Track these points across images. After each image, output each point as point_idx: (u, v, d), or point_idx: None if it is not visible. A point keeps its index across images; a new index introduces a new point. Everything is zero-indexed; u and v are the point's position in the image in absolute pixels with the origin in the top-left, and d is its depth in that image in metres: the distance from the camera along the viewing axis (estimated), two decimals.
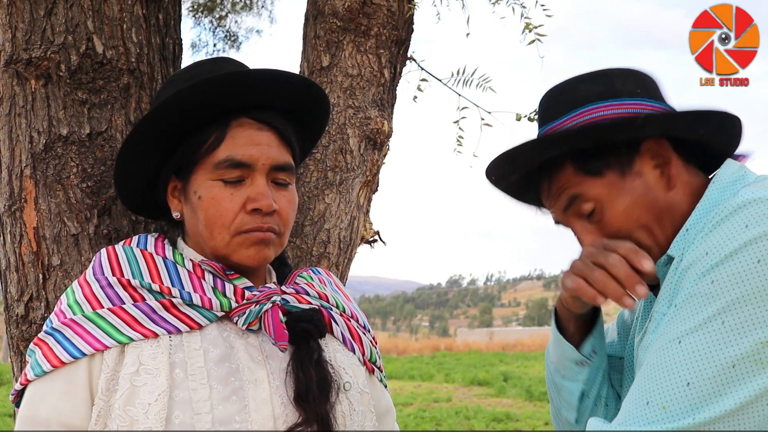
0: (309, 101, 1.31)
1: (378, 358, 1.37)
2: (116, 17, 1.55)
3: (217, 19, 5.46)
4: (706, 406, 0.95)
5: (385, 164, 1.94)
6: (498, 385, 13.08)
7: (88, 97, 1.51)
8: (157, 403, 1.07)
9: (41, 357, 1.14)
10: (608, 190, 1.18)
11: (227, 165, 1.17)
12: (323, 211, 1.77)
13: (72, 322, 1.15)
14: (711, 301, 0.99)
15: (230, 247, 1.18)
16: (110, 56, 1.52)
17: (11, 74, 1.52)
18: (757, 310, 0.96)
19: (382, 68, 1.85)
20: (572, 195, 1.21)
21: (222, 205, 1.17)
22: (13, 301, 1.53)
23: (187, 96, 1.18)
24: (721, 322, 0.97)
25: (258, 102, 1.22)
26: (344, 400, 1.21)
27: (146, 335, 1.13)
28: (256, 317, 1.18)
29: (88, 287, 1.18)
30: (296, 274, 1.35)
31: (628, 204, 1.17)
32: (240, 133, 1.19)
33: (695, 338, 0.98)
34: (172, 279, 1.19)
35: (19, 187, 1.51)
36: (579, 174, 1.20)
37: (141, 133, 1.22)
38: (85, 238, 1.48)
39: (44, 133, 1.49)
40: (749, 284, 0.97)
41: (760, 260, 0.98)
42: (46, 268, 1.49)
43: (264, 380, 1.15)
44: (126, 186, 1.30)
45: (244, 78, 1.22)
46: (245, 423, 1.11)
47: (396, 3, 1.84)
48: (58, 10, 1.50)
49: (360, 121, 1.81)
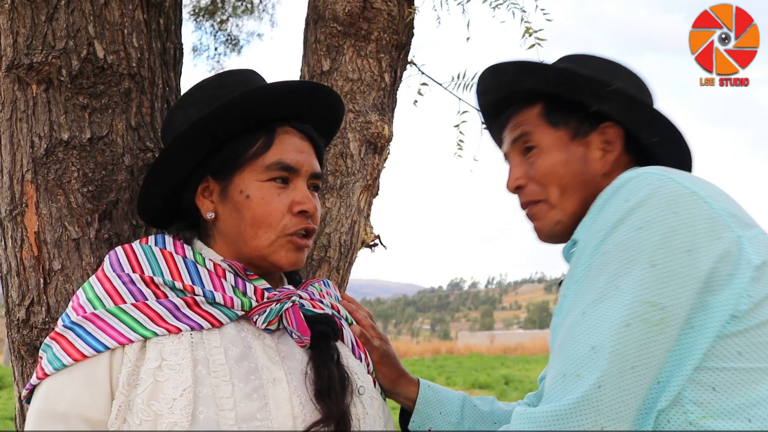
0: (336, 118, 1.44)
1: None
2: (117, 22, 1.55)
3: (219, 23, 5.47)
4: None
5: (385, 168, 1.94)
6: (499, 388, 13.06)
7: (89, 101, 1.51)
8: (182, 398, 1.08)
9: (60, 351, 1.14)
10: (553, 142, 1.29)
11: (278, 167, 1.24)
12: (324, 216, 1.77)
13: (94, 317, 1.15)
14: (603, 270, 1.07)
15: (272, 247, 1.23)
16: (111, 61, 1.53)
17: (12, 79, 1.52)
18: (642, 272, 1.03)
19: (383, 72, 1.86)
20: (525, 131, 1.32)
21: (272, 205, 1.23)
22: (14, 306, 1.53)
23: (247, 101, 1.24)
24: (615, 287, 1.04)
25: (298, 112, 1.31)
26: (358, 403, 1.22)
27: (170, 330, 1.14)
28: (276, 315, 1.21)
29: (109, 282, 1.19)
30: (308, 284, 1.39)
31: (560, 161, 1.27)
32: (287, 140, 1.27)
33: (596, 307, 1.05)
34: (192, 278, 1.21)
35: (20, 191, 1.51)
36: (541, 118, 1.31)
37: (199, 130, 1.25)
38: (86, 243, 1.48)
39: (45, 137, 1.49)
40: (633, 250, 1.05)
41: (640, 227, 1.06)
42: (47, 272, 1.49)
43: (282, 380, 1.16)
44: (157, 185, 1.31)
45: (302, 89, 1.35)
46: (266, 421, 1.11)
47: (396, 7, 1.84)
48: (60, 15, 1.51)
49: (360, 126, 1.82)
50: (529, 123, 1.31)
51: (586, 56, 1.37)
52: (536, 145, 1.30)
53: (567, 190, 1.27)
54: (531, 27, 1.93)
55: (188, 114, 1.30)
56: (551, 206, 1.28)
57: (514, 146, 1.34)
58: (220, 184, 1.27)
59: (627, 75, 1.34)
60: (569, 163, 1.27)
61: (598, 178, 1.26)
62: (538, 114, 1.31)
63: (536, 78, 1.30)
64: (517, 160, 1.33)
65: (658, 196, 1.07)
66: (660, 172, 1.12)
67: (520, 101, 1.34)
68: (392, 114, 1.93)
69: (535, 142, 1.30)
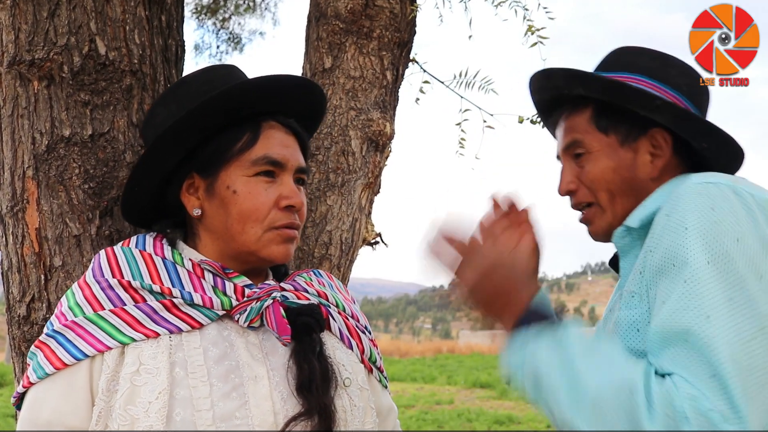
0: (319, 111, 1.43)
1: (378, 358, 1.37)
2: (119, 19, 1.55)
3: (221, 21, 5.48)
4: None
5: (387, 166, 1.94)
6: (500, 388, 13.05)
7: (90, 98, 1.51)
8: (157, 401, 1.08)
9: (43, 359, 1.15)
10: (603, 148, 1.30)
11: (264, 162, 1.23)
12: (325, 213, 1.77)
13: (74, 324, 1.15)
14: (711, 284, 1.04)
15: (261, 242, 1.23)
16: (113, 58, 1.53)
17: (14, 75, 1.52)
18: (754, 284, 1.04)
19: (385, 70, 1.85)
20: (576, 139, 1.33)
21: (258, 200, 1.22)
22: (15, 302, 1.53)
23: (235, 95, 1.24)
24: (729, 299, 1.03)
25: (283, 107, 1.31)
26: (344, 395, 1.22)
27: (148, 335, 1.14)
28: (257, 314, 1.20)
29: (89, 289, 1.19)
30: (296, 274, 1.36)
31: (609, 167, 1.29)
32: (273, 135, 1.27)
33: (719, 316, 1.02)
34: (172, 279, 1.20)
35: (22, 188, 1.51)
36: (591, 124, 1.32)
37: (183, 126, 1.24)
38: (87, 240, 1.49)
39: (47, 134, 1.49)
40: (739, 263, 1.05)
41: (739, 239, 1.06)
42: (47, 269, 1.49)
43: (264, 376, 1.16)
44: (141, 183, 1.31)
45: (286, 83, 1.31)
46: (246, 419, 1.11)
47: (398, 5, 1.84)
48: (61, 11, 1.51)
49: (362, 123, 1.81)
50: (580, 129, 1.33)
51: (638, 52, 1.37)
52: (587, 150, 1.32)
53: (616, 195, 1.30)
54: (533, 25, 1.93)
55: (170, 110, 1.29)
56: (602, 210, 1.31)
57: (566, 152, 1.36)
58: (206, 180, 1.26)
59: (679, 70, 1.35)
60: (618, 169, 1.29)
61: (646, 183, 1.28)
62: (588, 119, 1.33)
63: (583, 87, 1.32)
64: (568, 164, 1.36)
65: (742, 207, 1.09)
66: (730, 182, 1.13)
67: (571, 103, 1.36)
68: (394, 112, 1.93)
69: (586, 147, 1.32)
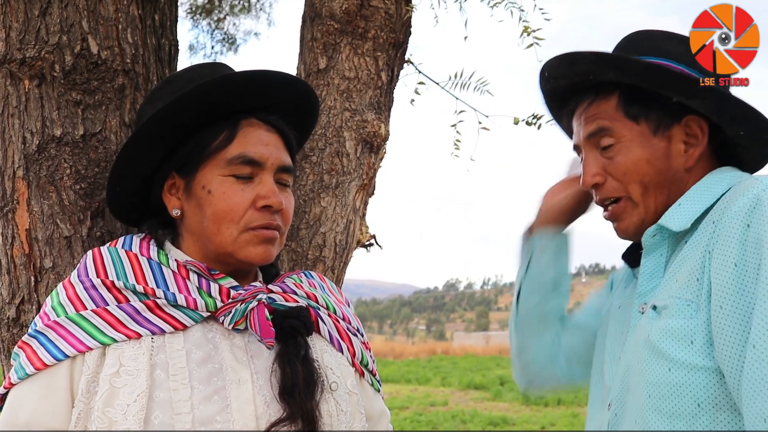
0: (308, 108, 1.37)
1: (370, 361, 1.35)
2: (111, 17, 1.53)
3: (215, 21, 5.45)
4: None
5: (381, 168, 1.93)
6: (494, 389, 13.06)
7: (82, 97, 1.49)
8: (135, 403, 1.06)
9: (25, 360, 1.13)
10: (634, 137, 1.23)
11: (240, 161, 1.20)
12: (319, 215, 1.76)
13: (56, 324, 1.13)
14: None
15: (237, 243, 1.19)
16: (105, 57, 1.51)
17: (5, 74, 1.50)
18: None
19: (380, 71, 1.84)
20: (602, 126, 1.25)
21: (233, 200, 1.18)
22: (5, 304, 1.51)
23: (210, 90, 1.20)
24: None
25: (265, 104, 1.26)
26: (330, 399, 1.19)
27: (129, 336, 1.12)
28: (242, 316, 1.17)
29: (72, 289, 1.17)
30: (285, 276, 1.34)
31: (643, 157, 1.22)
32: (251, 133, 1.22)
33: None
34: (156, 280, 1.18)
35: (12, 188, 1.49)
36: (619, 110, 1.24)
37: (157, 125, 1.22)
38: (78, 241, 1.47)
39: (37, 133, 1.48)
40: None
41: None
42: (38, 270, 1.47)
43: (247, 380, 1.14)
44: (121, 184, 1.29)
45: (264, 78, 1.25)
46: (227, 423, 1.09)
47: (394, 6, 1.83)
48: (53, 9, 1.49)
49: (357, 124, 1.80)
50: (607, 116, 1.25)
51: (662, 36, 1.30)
52: (616, 140, 1.24)
53: (649, 188, 1.22)
54: (529, 26, 1.92)
55: (156, 109, 1.26)
56: (634, 204, 1.23)
57: (590, 140, 1.27)
58: (185, 180, 1.23)
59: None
60: (652, 161, 1.21)
61: (680, 174, 1.22)
62: (615, 106, 1.24)
63: (618, 71, 1.23)
64: (593, 154, 1.27)
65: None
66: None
67: (592, 91, 1.28)
68: (389, 113, 1.92)
69: (615, 137, 1.24)
